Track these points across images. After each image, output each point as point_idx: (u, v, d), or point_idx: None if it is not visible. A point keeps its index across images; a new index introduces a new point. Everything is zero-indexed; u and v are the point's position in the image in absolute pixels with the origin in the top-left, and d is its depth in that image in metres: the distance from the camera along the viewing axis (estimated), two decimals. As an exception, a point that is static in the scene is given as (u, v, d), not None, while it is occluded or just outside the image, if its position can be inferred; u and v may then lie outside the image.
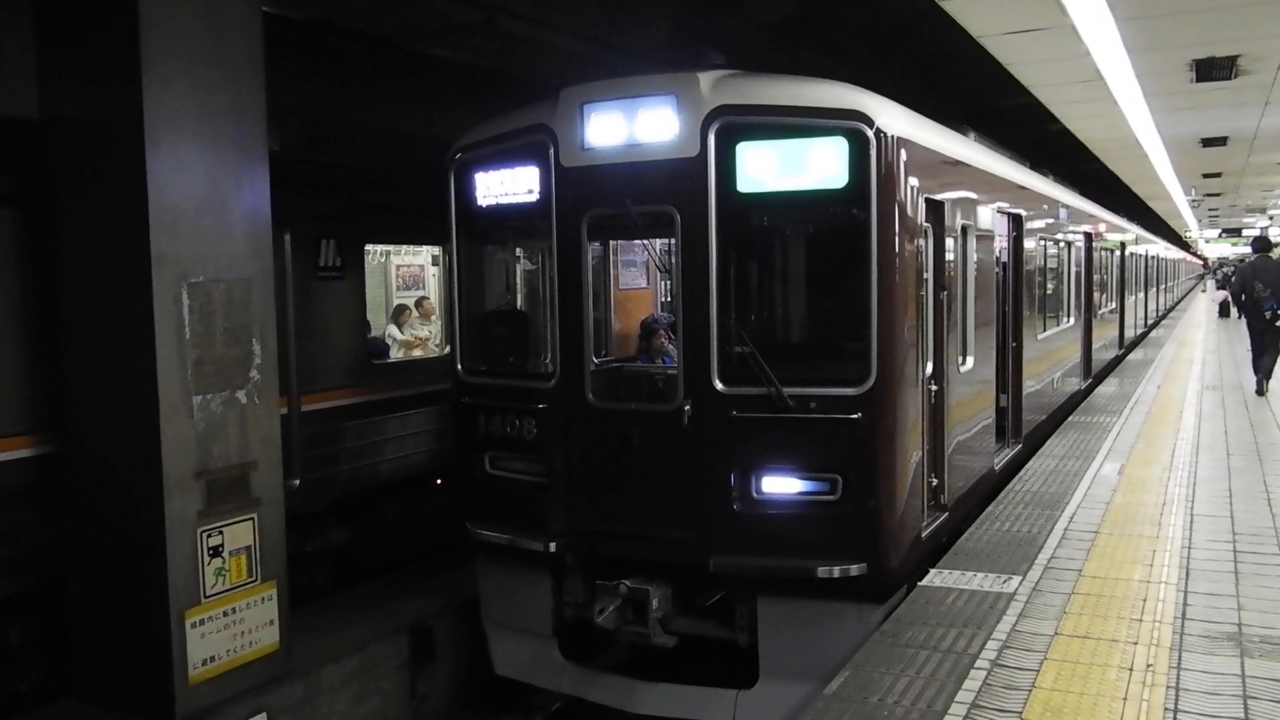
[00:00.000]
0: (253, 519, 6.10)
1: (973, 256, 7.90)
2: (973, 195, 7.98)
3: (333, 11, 8.21)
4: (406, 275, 14.20)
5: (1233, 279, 18.80)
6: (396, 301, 12.84)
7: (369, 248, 9.72)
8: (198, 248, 5.75)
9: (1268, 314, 13.65)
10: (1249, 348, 14.76)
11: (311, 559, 8.65)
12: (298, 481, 7.78)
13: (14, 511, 6.23)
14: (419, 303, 12.18)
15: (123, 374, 5.71)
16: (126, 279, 5.62)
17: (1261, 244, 15.26)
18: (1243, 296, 14.23)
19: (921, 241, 6.45)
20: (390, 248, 12.68)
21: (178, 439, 5.66)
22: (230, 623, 5.98)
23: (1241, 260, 32.88)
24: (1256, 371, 14.19)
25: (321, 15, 8.20)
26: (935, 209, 6.84)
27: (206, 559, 5.83)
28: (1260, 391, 13.95)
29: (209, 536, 5.84)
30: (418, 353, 11.00)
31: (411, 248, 13.01)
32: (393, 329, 11.41)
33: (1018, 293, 9.89)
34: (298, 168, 8.43)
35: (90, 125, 5.77)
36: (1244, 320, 15.02)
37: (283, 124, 8.66)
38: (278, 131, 8.76)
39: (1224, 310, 31.66)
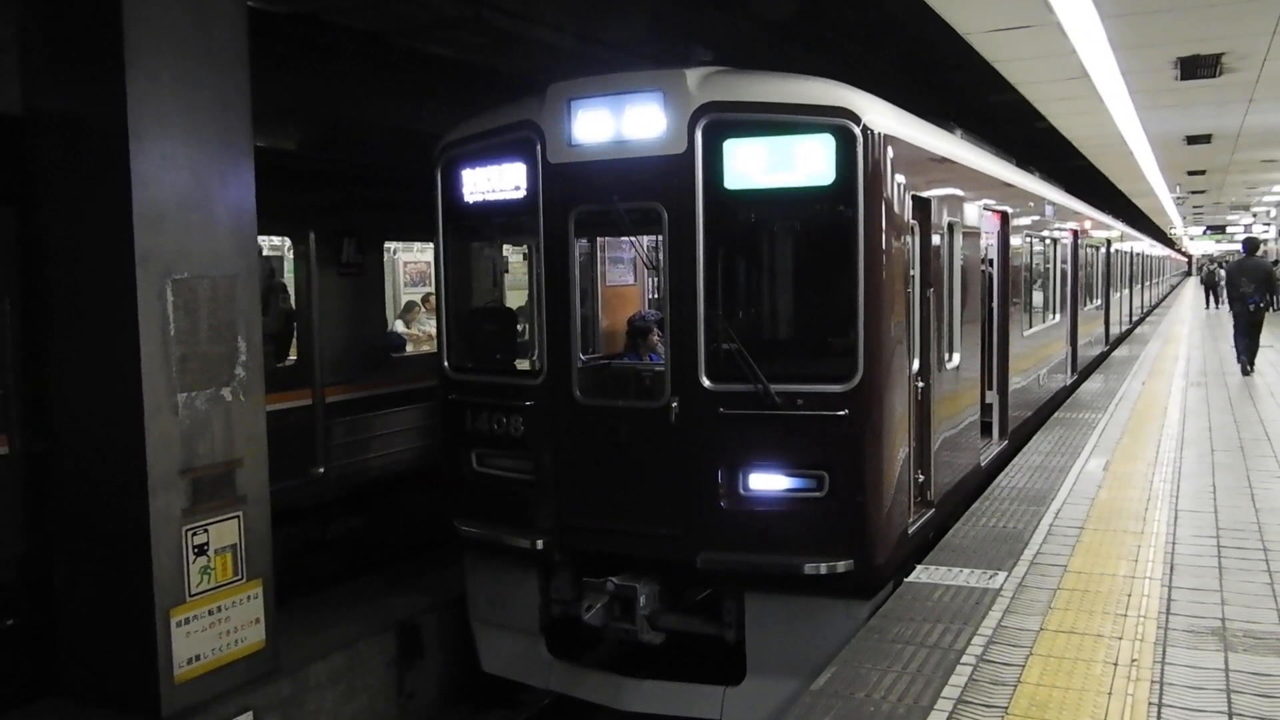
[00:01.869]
0: (238, 517, 6.07)
1: (959, 254, 7.93)
2: (959, 192, 8.00)
3: (320, 6, 8.17)
4: (414, 272, 14.31)
5: (1221, 276, 22.65)
6: (404, 298, 12.92)
7: (387, 245, 9.82)
8: (182, 244, 5.72)
9: (1250, 307, 15.75)
10: (1233, 344, 16.57)
11: (332, 546, 8.84)
12: (322, 469, 8.30)
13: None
14: (425, 299, 12.25)
15: (107, 371, 5.67)
16: (111, 275, 5.58)
17: (1251, 245, 17.41)
18: (1232, 290, 16.64)
19: (908, 239, 6.46)
20: (398, 245, 12.80)
21: (162, 436, 5.63)
22: (216, 621, 5.96)
23: (1231, 257, 35.26)
24: (1240, 356, 16.00)
25: (308, 10, 8.17)
26: (922, 206, 6.85)
27: (192, 557, 5.80)
28: (1245, 372, 15.67)
29: (194, 535, 5.81)
30: (426, 348, 11.13)
31: (419, 245, 13.12)
32: (400, 325, 11.47)
33: (1004, 290, 9.92)
34: (319, 166, 8.79)
35: (74, 120, 5.72)
36: (1231, 311, 17.33)
37: (301, 123, 8.85)
38: (297, 131, 9.09)
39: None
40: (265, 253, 9.69)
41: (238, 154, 6.06)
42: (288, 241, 9.41)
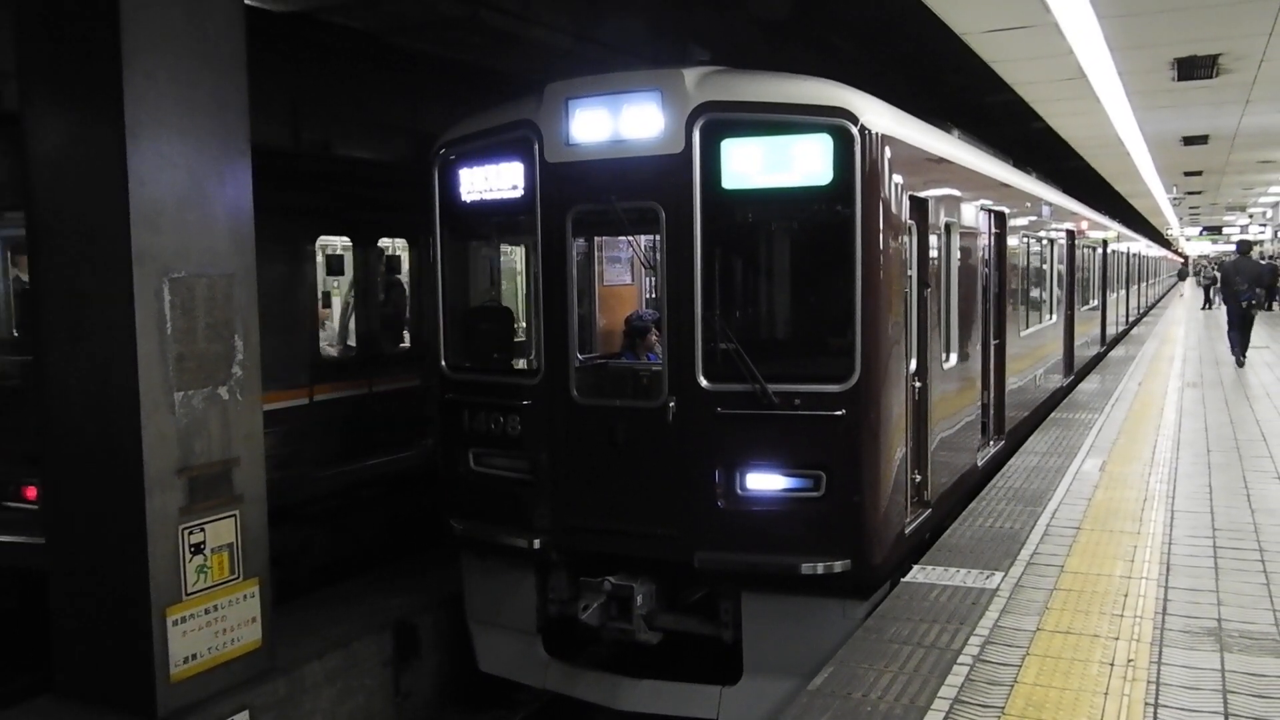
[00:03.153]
0: (235, 516, 6.06)
1: (956, 254, 7.93)
2: (956, 192, 8.00)
3: (318, 5, 8.17)
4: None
5: (1218, 274, 26.17)
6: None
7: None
8: (179, 242, 5.71)
9: (1244, 304, 17.44)
10: (1227, 340, 18.17)
11: (423, 515, 9.41)
12: (430, 441, 9.52)
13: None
14: None
15: (104, 369, 5.67)
16: (107, 274, 5.57)
17: (1244, 246, 19.69)
18: (1227, 288, 18.50)
19: (905, 239, 6.46)
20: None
21: (159, 435, 5.62)
22: (212, 620, 5.95)
23: (1226, 256, 37.12)
24: (1234, 347, 17.62)
25: (306, 8, 8.16)
26: (919, 206, 6.86)
27: (188, 556, 5.79)
28: (1240, 364, 17.17)
29: (190, 534, 5.80)
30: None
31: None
32: None
33: (1001, 290, 9.93)
34: (411, 178, 9.32)
35: (70, 118, 5.71)
36: (1225, 307, 19.39)
37: (395, 141, 10.40)
38: (389, 147, 10.67)
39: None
40: (387, 253, 10.80)
41: (235, 153, 6.04)
42: (404, 242, 10.44)
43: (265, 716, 6.24)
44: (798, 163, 5.95)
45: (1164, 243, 59.87)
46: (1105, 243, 20.49)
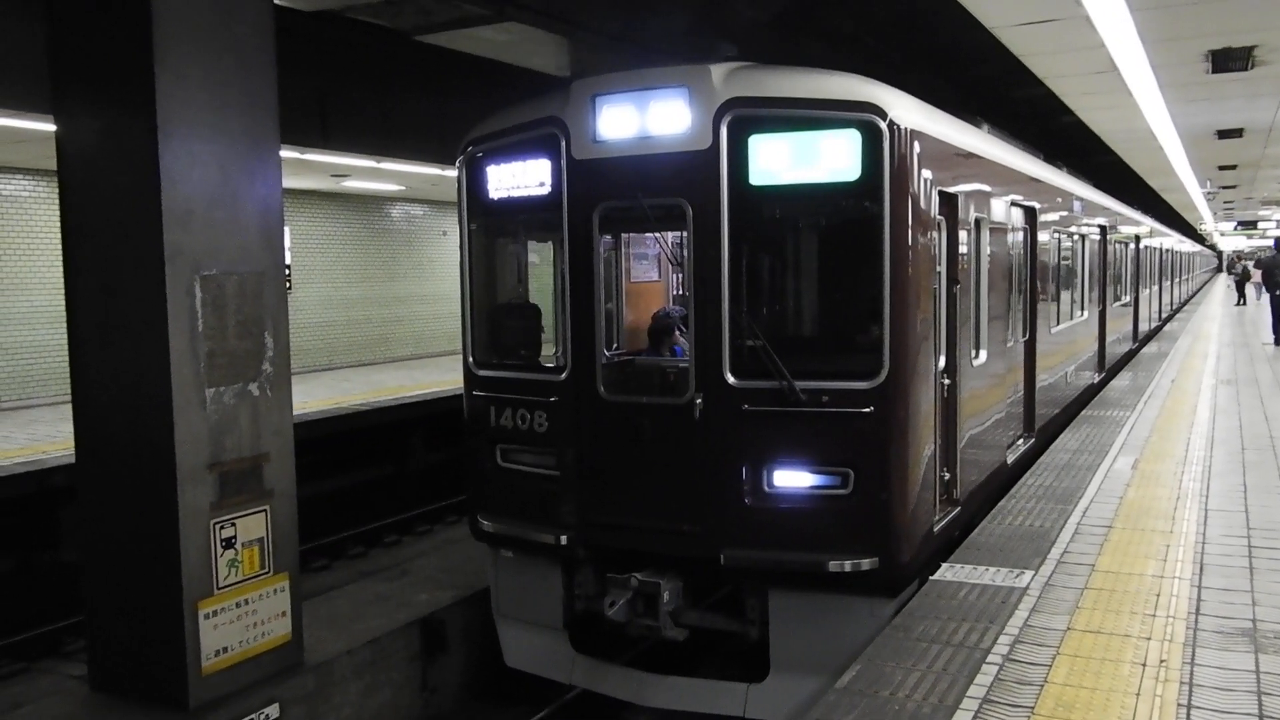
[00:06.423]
0: (265, 510, 6.12)
1: (986, 250, 7.86)
2: (986, 188, 7.93)
3: (347, 3, 8.22)
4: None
5: (1258, 269, 31.60)
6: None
7: None
8: (210, 241, 5.76)
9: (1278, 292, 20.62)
10: (1271, 330, 20.76)
11: None
12: None
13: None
14: None
15: (136, 366, 5.73)
16: (139, 272, 5.64)
17: None
18: (1269, 279, 21.58)
19: (935, 234, 6.41)
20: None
21: (190, 431, 5.68)
22: (243, 614, 6.01)
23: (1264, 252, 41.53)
24: (1276, 333, 20.37)
25: (334, 7, 8.22)
26: (948, 202, 6.80)
27: (219, 550, 5.85)
28: (1278, 343, 20.07)
29: (221, 528, 5.86)
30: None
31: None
32: None
33: (1031, 286, 9.84)
34: None
35: (103, 117, 5.78)
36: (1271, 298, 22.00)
37: None
38: None
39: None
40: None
41: (265, 151, 6.09)
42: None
43: (295, 709, 6.29)
44: (826, 158, 5.92)
45: (1197, 238, 59.06)
46: (1138, 238, 20.27)
